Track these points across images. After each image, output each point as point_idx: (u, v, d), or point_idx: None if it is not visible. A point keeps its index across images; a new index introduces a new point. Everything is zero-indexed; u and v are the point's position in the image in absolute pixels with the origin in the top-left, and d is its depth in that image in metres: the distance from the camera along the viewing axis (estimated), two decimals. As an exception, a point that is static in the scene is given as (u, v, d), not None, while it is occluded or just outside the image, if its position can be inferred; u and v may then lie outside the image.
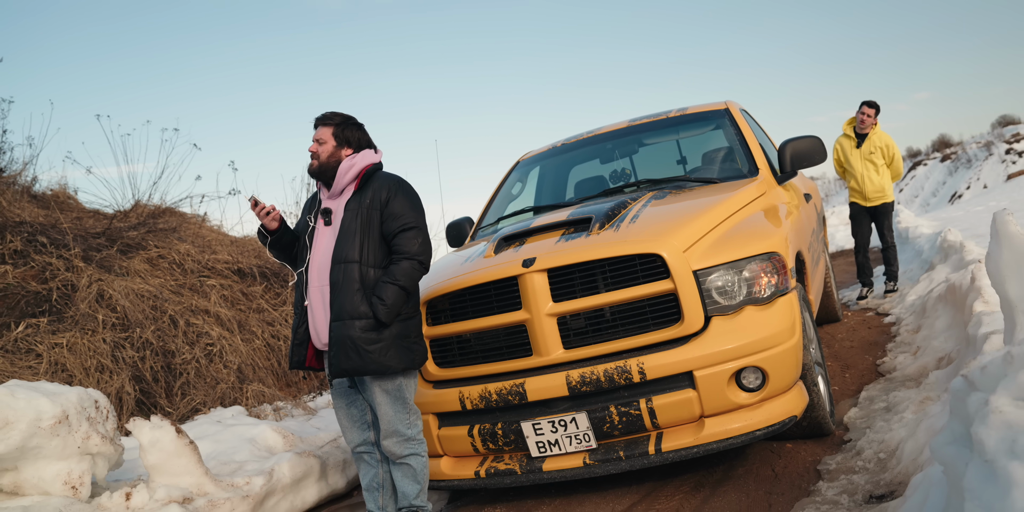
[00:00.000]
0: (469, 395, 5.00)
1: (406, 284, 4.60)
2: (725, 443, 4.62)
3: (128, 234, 9.12)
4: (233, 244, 10.65)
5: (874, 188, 10.47)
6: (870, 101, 10.42)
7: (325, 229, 4.83)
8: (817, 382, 5.16)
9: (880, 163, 10.43)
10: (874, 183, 10.45)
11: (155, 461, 4.92)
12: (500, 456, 5.05)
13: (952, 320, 6.90)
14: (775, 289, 4.77)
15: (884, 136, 10.48)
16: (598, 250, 4.80)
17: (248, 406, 7.59)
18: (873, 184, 10.45)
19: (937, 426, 4.27)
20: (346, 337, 4.53)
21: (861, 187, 10.56)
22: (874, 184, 10.45)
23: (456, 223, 7.42)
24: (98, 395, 4.86)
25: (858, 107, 10.48)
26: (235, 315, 8.68)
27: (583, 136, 7.83)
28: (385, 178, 4.83)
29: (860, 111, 10.45)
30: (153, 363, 7.44)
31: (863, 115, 10.41)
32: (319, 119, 4.91)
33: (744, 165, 6.56)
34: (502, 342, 5.01)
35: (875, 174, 10.43)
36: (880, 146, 10.41)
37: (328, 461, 6.02)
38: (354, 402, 4.91)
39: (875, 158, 10.41)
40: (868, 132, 10.48)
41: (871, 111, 10.38)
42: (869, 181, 10.46)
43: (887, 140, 10.47)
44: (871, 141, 10.44)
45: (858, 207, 10.79)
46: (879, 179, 10.43)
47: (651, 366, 4.62)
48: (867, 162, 10.44)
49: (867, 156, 10.43)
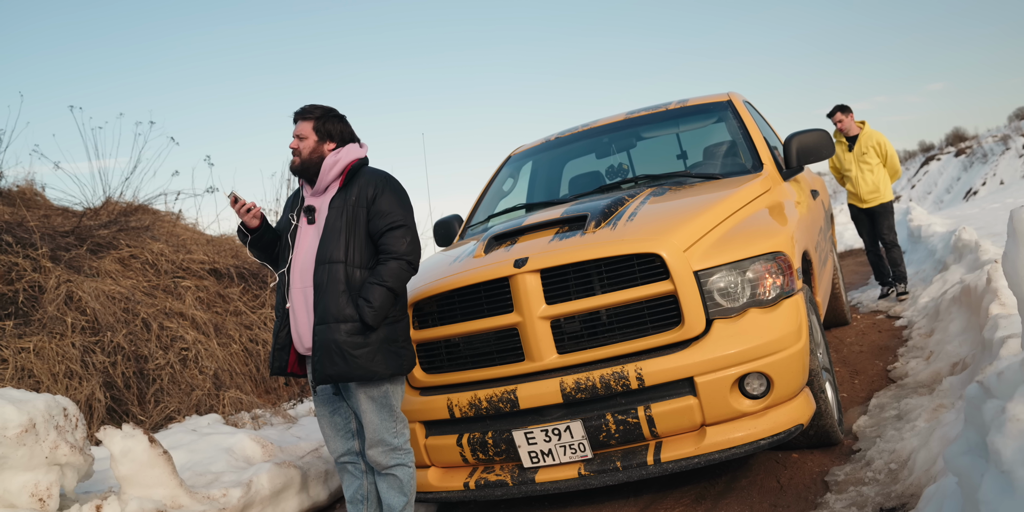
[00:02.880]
0: (458, 402, 4.99)
1: (394, 285, 4.58)
2: (728, 453, 4.62)
3: (99, 233, 9.10)
4: (209, 243, 10.62)
5: (868, 189, 10.62)
6: (833, 109, 10.78)
7: (308, 228, 4.81)
8: (825, 389, 5.16)
9: (874, 162, 10.59)
10: (868, 184, 10.60)
11: (127, 472, 4.91)
12: (491, 467, 5.04)
13: (967, 323, 6.90)
14: (780, 291, 4.77)
15: (875, 134, 10.66)
16: (594, 250, 4.79)
17: (225, 414, 7.58)
18: (867, 184, 10.60)
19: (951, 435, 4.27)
20: (331, 341, 4.50)
21: (856, 189, 10.74)
22: (868, 185, 10.60)
23: (444, 221, 7.41)
24: (67, 402, 4.85)
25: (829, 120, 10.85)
26: (211, 318, 8.66)
27: (578, 129, 7.82)
28: (371, 174, 4.81)
29: (832, 122, 10.79)
30: (125, 369, 7.42)
31: (838, 123, 10.73)
32: (298, 113, 4.88)
33: (748, 160, 6.56)
34: (493, 346, 5.01)
35: (869, 174, 10.58)
36: (872, 145, 10.59)
37: (309, 472, 6.01)
38: (338, 410, 4.89)
39: (868, 158, 10.58)
40: (857, 134, 10.68)
41: (842, 116, 10.71)
42: (863, 182, 10.62)
43: (879, 138, 10.64)
44: (861, 142, 10.63)
45: (856, 209, 10.99)
46: (873, 179, 10.58)
47: (650, 372, 4.61)
48: (860, 163, 10.62)
49: (859, 157, 10.62)
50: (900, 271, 10.86)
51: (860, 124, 10.71)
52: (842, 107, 10.72)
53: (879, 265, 11.17)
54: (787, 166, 6.54)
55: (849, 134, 10.68)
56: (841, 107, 10.72)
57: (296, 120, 4.88)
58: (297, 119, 4.88)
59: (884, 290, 11.15)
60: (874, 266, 11.27)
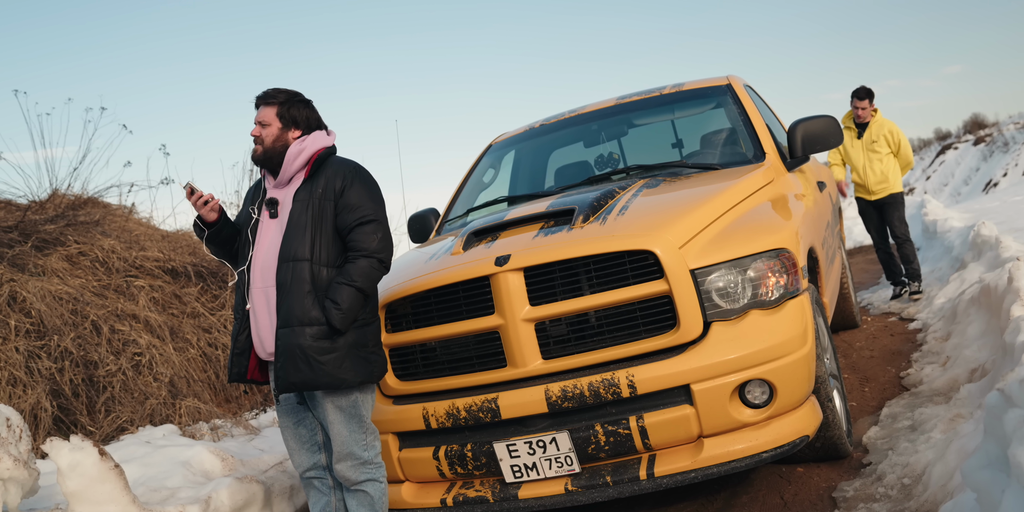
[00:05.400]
0: (434, 412, 4.97)
1: (363, 285, 4.56)
2: (727, 467, 4.61)
3: (44, 228, 9.05)
4: (165, 239, 10.59)
5: (876, 179, 10.68)
6: (858, 91, 10.71)
7: (271, 222, 4.78)
8: (832, 397, 5.17)
9: (884, 152, 10.65)
10: (876, 174, 10.66)
11: (75, 487, 4.88)
12: (470, 482, 5.03)
13: (986, 326, 6.92)
14: (784, 291, 4.76)
15: (887, 123, 10.72)
16: (582, 246, 4.78)
17: (182, 424, 7.55)
18: (875, 175, 10.67)
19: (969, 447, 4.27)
20: (295, 346, 4.48)
21: (863, 180, 10.79)
22: (876, 175, 10.67)
23: (419, 215, 7.40)
24: (10, 412, 4.82)
25: (850, 100, 10.77)
26: (167, 320, 8.63)
27: (565, 116, 7.82)
28: (339, 164, 4.79)
29: (852, 106, 10.77)
30: (73, 375, 7.39)
31: (857, 110, 10.71)
32: (260, 98, 4.85)
33: (749, 149, 6.57)
34: (472, 351, 4.99)
35: (879, 164, 10.65)
36: (883, 134, 10.65)
37: (273, 487, 6.00)
38: (303, 420, 4.87)
39: (878, 147, 10.64)
40: (868, 121, 10.72)
41: (863, 103, 10.68)
42: (871, 172, 10.68)
43: (890, 127, 10.70)
44: (872, 130, 10.68)
45: (864, 202, 11.07)
46: (882, 168, 10.64)
47: (642, 379, 4.60)
48: (869, 152, 10.67)
49: (869, 146, 10.67)
50: (913, 268, 10.87)
51: (872, 111, 10.73)
52: (862, 92, 10.66)
53: (890, 263, 11.20)
54: (791, 156, 6.55)
55: (862, 121, 10.71)
56: (861, 92, 10.66)
57: (258, 105, 4.85)
58: (259, 104, 4.84)
59: (896, 290, 11.17)
60: (884, 265, 11.31)
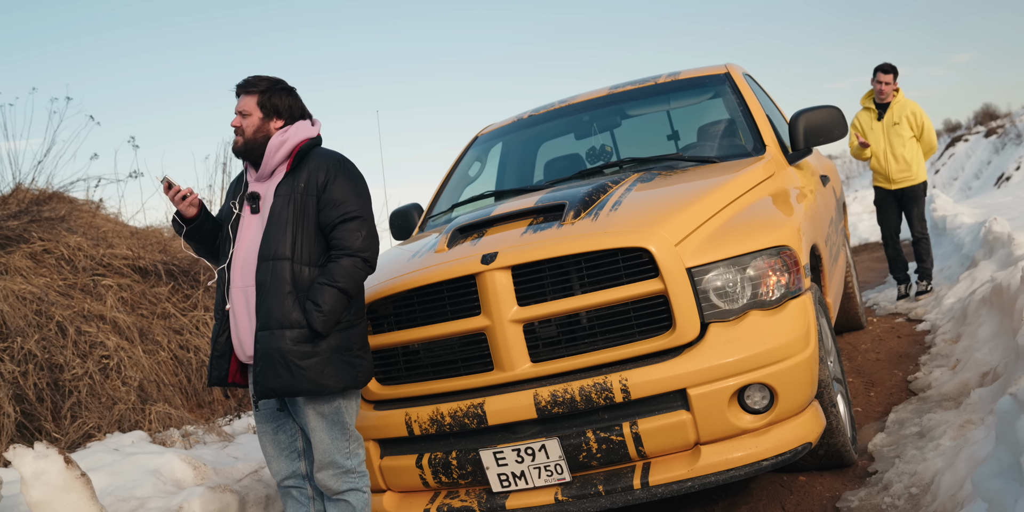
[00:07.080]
0: (417, 418, 4.97)
1: (346, 286, 4.53)
2: (725, 475, 4.61)
3: (7, 224, 9.05)
4: (134, 236, 10.57)
5: (899, 167, 10.42)
6: (884, 65, 10.42)
7: (252, 218, 4.74)
8: (836, 402, 5.18)
9: (907, 135, 10.38)
10: (899, 160, 10.39)
11: (40, 497, 4.88)
12: (455, 491, 5.03)
13: (998, 327, 6.93)
14: (785, 290, 4.77)
15: (910, 103, 10.45)
16: (572, 243, 4.77)
17: (152, 431, 7.54)
18: (898, 162, 10.41)
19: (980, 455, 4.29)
20: (274, 350, 4.45)
21: (884, 167, 10.51)
22: (899, 162, 10.40)
23: (402, 211, 7.40)
24: (-33, 419, 4.82)
25: (872, 75, 10.49)
26: (136, 321, 8.62)
27: (555, 106, 7.81)
28: (324, 157, 4.75)
29: (876, 80, 10.46)
30: (37, 379, 7.39)
31: (881, 84, 10.41)
32: (240, 86, 4.81)
33: (748, 141, 6.58)
34: (457, 354, 4.99)
35: (901, 149, 10.37)
36: (906, 115, 10.37)
37: (248, 497, 5.99)
38: (282, 427, 4.85)
39: (901, 130, 10.36)
40: (890, 101, 10.46)
41: (888, 77, 10.37)
42: (893, 158, 10.42)
43: (913, 107, 10.42)
44: (894, 110, 10.42)
45: (883, 192, 10.77)
46: (904, 154, 10.37)
47: (636, 383, 4.60)
48: (891, 135, 10.41)
49: (890, 128, 10.40)
50: (926, 267, 10.81)
51: (895, 90, 10.47)
52: (887, 67, 10.37)
53: (897, 259, 11.02)
54: (793, 148, 6.56)
55: (883, 100, 10.47)
56: (886, 67, 10.37)
57: (239, 94, 4.80)
58: (240, 93, 4.80)
59: (902, 289, 11.08)
60: (892, 261, 11.10)
